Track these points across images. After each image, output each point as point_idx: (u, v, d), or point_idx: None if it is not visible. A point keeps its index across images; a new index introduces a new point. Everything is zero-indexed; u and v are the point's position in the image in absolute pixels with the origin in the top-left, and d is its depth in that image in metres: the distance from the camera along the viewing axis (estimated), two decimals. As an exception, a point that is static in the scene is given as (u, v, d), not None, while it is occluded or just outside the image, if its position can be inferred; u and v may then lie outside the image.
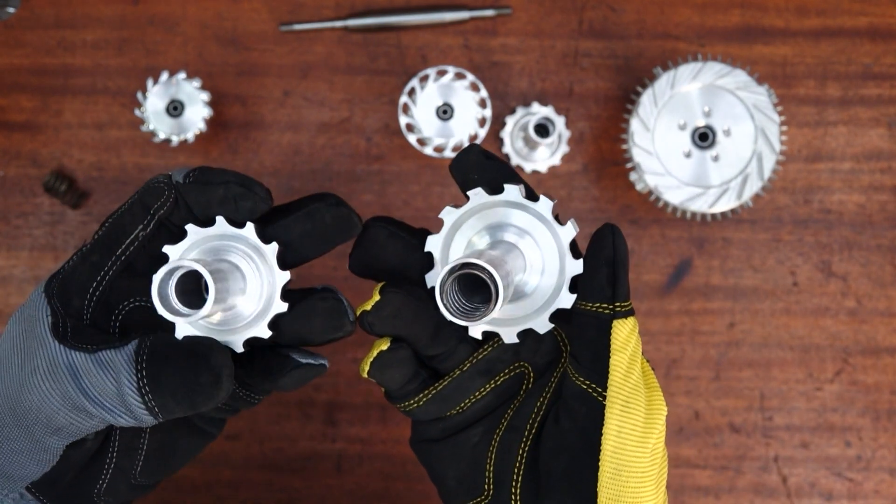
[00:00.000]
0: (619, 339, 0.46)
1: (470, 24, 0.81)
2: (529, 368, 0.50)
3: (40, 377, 0.45)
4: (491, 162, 0.49)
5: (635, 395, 0.46)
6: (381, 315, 0.47)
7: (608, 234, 0.46)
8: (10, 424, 0.47)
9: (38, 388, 0.46)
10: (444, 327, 0.47)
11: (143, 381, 0.45)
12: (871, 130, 0.80)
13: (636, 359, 0.46)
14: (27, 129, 0.80)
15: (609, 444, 0.45)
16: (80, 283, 0.47)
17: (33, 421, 0.46)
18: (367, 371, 0.49)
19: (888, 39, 0.81)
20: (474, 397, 0.49)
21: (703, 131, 0.75)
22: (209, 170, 0.48)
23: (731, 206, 0.75)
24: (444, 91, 0.78)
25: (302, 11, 0.81)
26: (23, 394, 0.46)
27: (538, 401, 0.49)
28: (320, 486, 0.80)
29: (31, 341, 0.46)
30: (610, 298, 0.46)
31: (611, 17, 0.81)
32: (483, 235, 0.47)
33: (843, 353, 0.80)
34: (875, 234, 0.80)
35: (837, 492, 0.80)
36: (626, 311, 0.46)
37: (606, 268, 0.46)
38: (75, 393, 0.45)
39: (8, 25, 0.81)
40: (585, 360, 0.46)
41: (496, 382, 0.50)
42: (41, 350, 0.46)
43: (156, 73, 0.78)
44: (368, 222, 0.49)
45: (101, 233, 0.48)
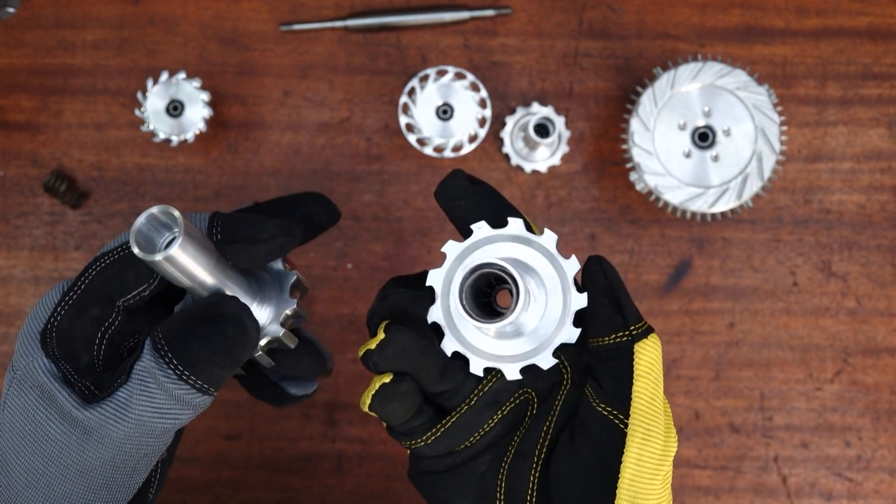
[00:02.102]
0: (642, 363, 0.45)
1: (470, 24, 0.81)
2: (533, 394, 0.49)
3: (104, 453, 0.45)
4: (477, 187, 0.48)
5: (656, 422, 0.45)
6: (386, 354, 0.46)
7: (595, 266, 0.47)
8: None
9: (100, 463, 0.44)
10: (450, 364, 0.47)
11: (179, 368, 0.44)
12: (871, 130, 0.80)
13: (659, 383, 0.46)
14: (27, 129, 0.80)
15: (628, 472, 0.45)
16: (85, 339, 0.46)
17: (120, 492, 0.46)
18: (369, 405, 0.47)
19: (888, 39, 0.81)
20: (483, 430, 0.49)
21: (703, 131, 0.75)
22: (245, 223, 0.47)
23: (731, 206, 0.75)
24: (444, 91, 0.78)
25: (302, 11, 0.81)
26: (87, 476, 0.45)
27: (544, 425, 0.48)
28: (320, 486, 0.80)
29: (61, 426, 0.44)
30: (623, 325, 0.46)
31: (611, 17, 0.81)
32: None
33: (843, 353, 0.80)
34: (875, 234, 0.80)
35: (837, 492, 0.80)
36: (644, 330, 0.46)
37: (606, 298, 0.46)
38: (140, 436, 0.45)
39: (8, 25, 0.81)
40: (608, 386, 0.46)
41: (503, 412, 0.49)
42: (81, 433, 0.44)
43: (156, 73, 0.78)
44: (387, 291, 0.48)
45: (96, 281, 0.46)
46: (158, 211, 0.43)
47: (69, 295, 0.46)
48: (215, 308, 0.45)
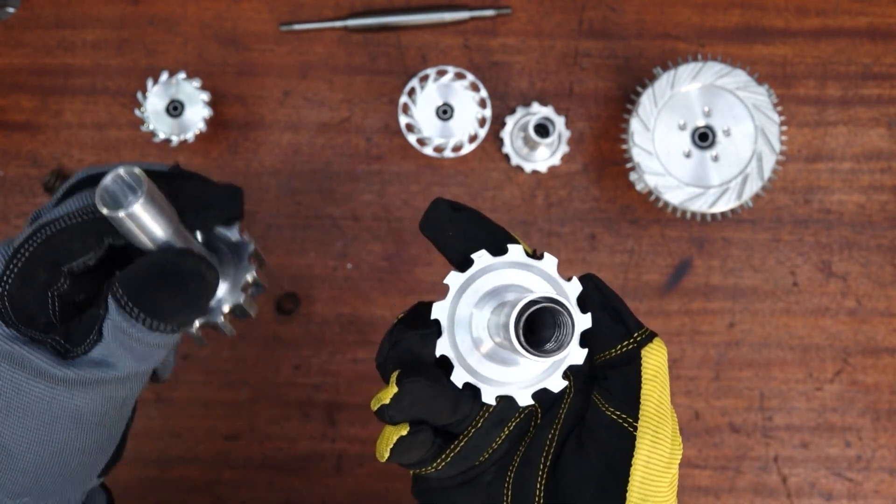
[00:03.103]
0: (650, 367, 0.46)
1: (470, 24, 0.81)
2: (537, 406, 0.49)
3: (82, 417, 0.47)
4: (461, 213, 0.48)
5: (664, 424, 0.46)
6: (401, 406, 0.46)
7: (589, 283, 0.48)
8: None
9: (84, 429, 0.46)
10: (461, 396, 0.46)
11: (147, 320, 0.46)
12: (871, 130, 0.80)
13: (666, 386, 0.46)
14: (27, 129, 0.80)
15: (638, 474, 0.45)
16: (38, 302, 0.47)
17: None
18: (388, 457, 0.47)
19: (888, 39, 0.81)
20: (491, 449, 0.49)
21: (703, 131, 0.75)
22: (199, 188, 0.51)
23: (731, 206, 0.75)
24: (443, 91, 0.78)
25: (302, 11, 0.81)
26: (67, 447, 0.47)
27: (549, 433, 0.48)
28: (320, 486, 0.80)
29: (44, 384, 0.46)
30: (626, 334, 0.46)
31: (611, 17, 0.81)
32: (490, 297, 0.46)
33: (843, 353, 0.80)
34: (875, 234, 0.80)
35: (837, 492, 0.80)
36: (648, 335, 0.46)
37: (605, 311, 0.46)
38: (125, 380, 0.47)
39: (8, 25, 0.81)
40: (617, 391, 0.46)
41: (509, 429, 0.49)
42: (55, 390, 0.46)
43: (156, 73, 0.78)
44: (396, 336, 0.47)
45: (42, 249, 0.47)
46: (124, 171, 0.45)
47: (13, 262, 0.47)
48: (173, 265, 0.47)
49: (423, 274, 0.80)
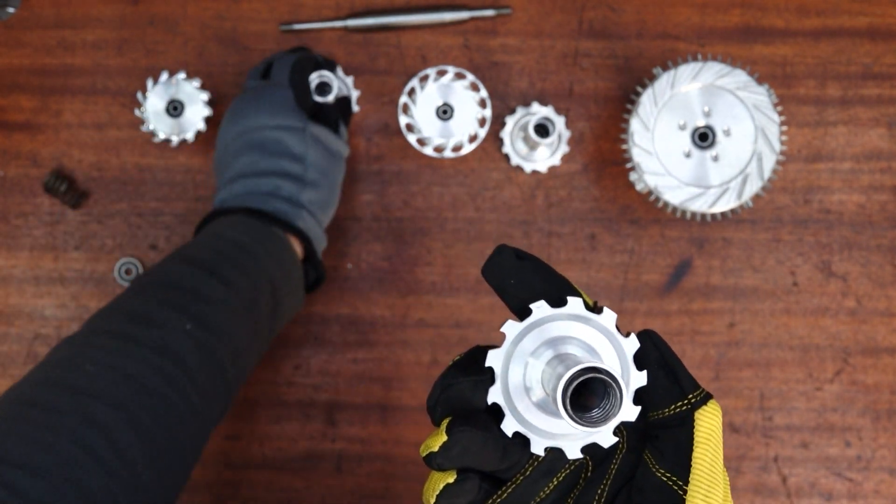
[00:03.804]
0: (702, 430, 0.46)
1: (470, 24, 0.81)
2: (588, 459, 0.49)
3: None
4: (525, 262, 0.48)
5: (714, 489, 0.45)
6: (450, 455, 0.46)
7: (647, 340, 0.47)
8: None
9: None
10: (509, 444, 0.46)
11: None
12: (871, 130, 0.80)
13: (719, 450, 0.46)
14: (27, 129, 0.80)
15: None
16: (308, 95, 0.75)
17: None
18: (434, 503, 0.47)
19: (888, 39, 0.81)
20: (539, 498, 0.48)
21: (703, 131, 0.75)
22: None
23: (731, 206, 0.75)
24: (444, 91, 0.78)
25: (302, 11, 0.81)
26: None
27: (599, 488, 0.48)
28: (320, 486, 0.80)
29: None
30: (681, 395, 0.46)
31: (611, 17, 0.81)
32: (546, 349, 0.46)
33: (843, 353, 0.80)
34: (875, 234, 0.80)
35: (837, 492, 0.80)
36: (703, 397, 0.46)
37: (662, 370, 0.46)
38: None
39: (8, 25, 0.81)
40: (669, 453, 0.46)
41: (559, 479, 0.48)
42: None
43: (156, 73, 0.78)
44: (448, 381, 0.47)
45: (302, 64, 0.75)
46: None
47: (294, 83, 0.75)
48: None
49: (423, 274, 0.80)
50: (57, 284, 0.80)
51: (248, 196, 0.72)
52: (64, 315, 0.80)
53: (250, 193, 0.72)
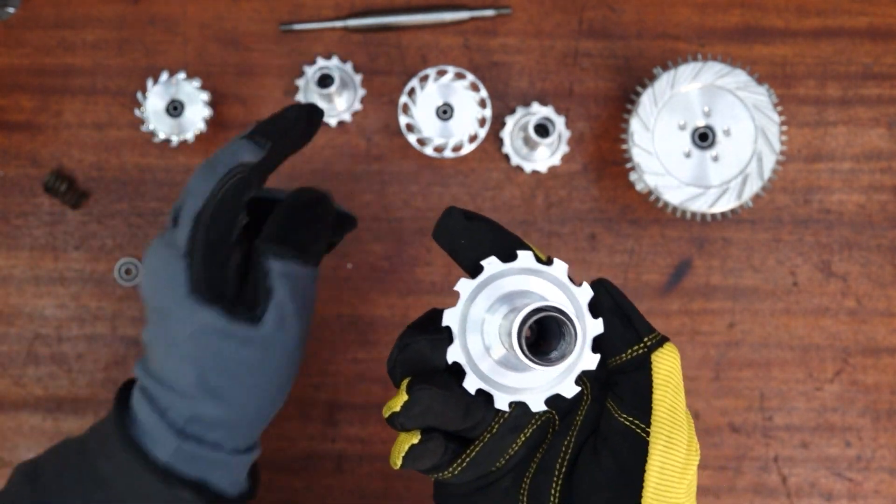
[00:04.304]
0: (661, 372, 0.46)
1: (470, 24, 0.81)
2: (555, 413, 0.49)
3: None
4: (474, 222, 0.48)
5: (678, 430, 0.45)
6: (412, 414, 0.46)
7: (600, 288, 0.47)
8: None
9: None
10: (472, 402, 0.46)
11: (296, 255, 0.57)
12: (871, 130, 0.80)
13: (679, 391, 0.46)
14: (27, 129, 0.80)
15: (652, 481, 0.45)
16: (227, 279, 0.56)
17: None
18: (400, 464, 0.47)
19: (888, 39, 0.81)
20: (508, 454, 0.49)
21: (703, 131, 0.75)
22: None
23: (731, 206, 0.75)
24: (444, 91, 0.78)
25: (302, 11, 0.81)
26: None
27: (565, 440, 0.48)
28: (320, 486, 0.80)
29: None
30: (636, 338, 0.46)
31: (611, 17, 0.81)
32: (500, 304, 0.46)
33: (843, 353, 0.80)
34: (875, 234, 0.80)
35: (837, 492, 0.80)
36: (659, 339, 0.46)
37: (616, 316, 0.46)
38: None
39: (8, 25, 0.81)
40: (629, 397, 0.46)
41: (526, 435, 0.49)
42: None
43: (156, 73, 0.78)
44: (406, 340, 0.48)
45: (209, 236, 0.55)
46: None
47: (194, 254, 0.56)
48: (304, 203, 0.60)
49: (423, 274, 0.80)
50: (57, 284, 0.80)
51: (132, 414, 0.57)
52: (64, 315, 0.80)
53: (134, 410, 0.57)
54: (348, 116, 0.80)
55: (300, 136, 0.60)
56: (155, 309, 0.56)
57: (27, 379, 0.80)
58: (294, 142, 0.60)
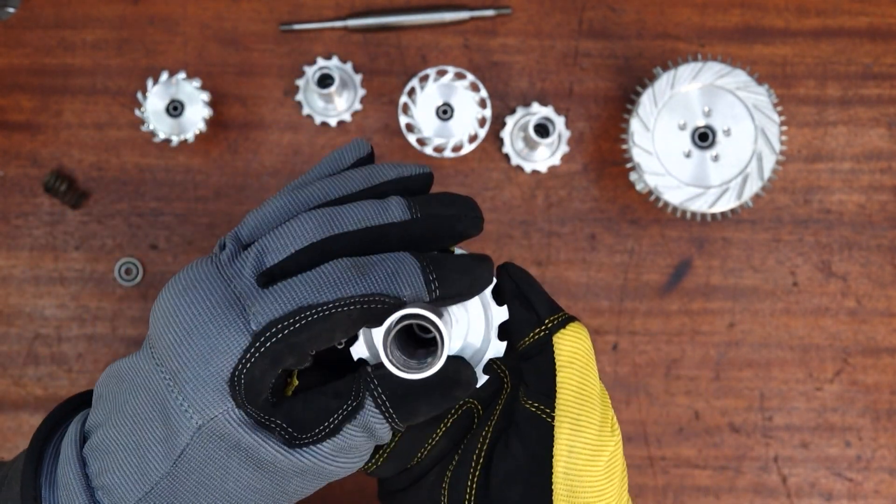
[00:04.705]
0: (563, 354, 0.45)
1: (470, 24, 0.81)
2: (476, 403, 0.49)
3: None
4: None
5: (586, 411, 0.44)
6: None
7: (503, 274, 0.46)
8: None
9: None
10: None
11: (397, 422, 0.42)
12: (871, 130, 0.80)
13: (587, 371, 0.45)
14: (27, 129, 0.80)
15: (560, 466, 0.44)
16: (271, 382, 0.41)
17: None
18: None
19: (888, 39, 0.81)
20: (429, 444, 0.48)
21: (703, 131, 0.75)
22: (461, 274, 0.42)
23: (731, 206, 0.75)
24: (444, 91, 0.78)
25: (302, 11, 0.81)
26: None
27: (484, 430, 0.48)
28: (320, 486, 0.80)
29: (255, 472, 0.42)
30: (537, 321, 0.45)
31: (611, 17, 0.81)
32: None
33: (843, 353, 0.80)
34: (875, 234, 0.80)
35: (837, 492, 0.80)
36: (562, 320, 0.45)
37: (517, 300, 0.45)
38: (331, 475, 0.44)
39: (8, 25, 0.81)
40: (533, 382, 0.45)
41: (447, 425, 0.49)
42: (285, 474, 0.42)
43: (156, 73, 0.78)
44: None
45: (301, 336, 0.40)
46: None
47: (261, 342, 0.40)
48: (454, 376, 0.43)
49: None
50: (57, 284, 0.80)
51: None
52: (64, 315, 0.80)
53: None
54: (348, 116, 0.80)
55: (468, 299, 0.44)
56: (157, 354, 0.42)
57: (27, 379, 0.80)
58: (457, 302, 0.44)
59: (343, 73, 0.80)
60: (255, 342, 0.39)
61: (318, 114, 0.80)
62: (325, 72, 0.76)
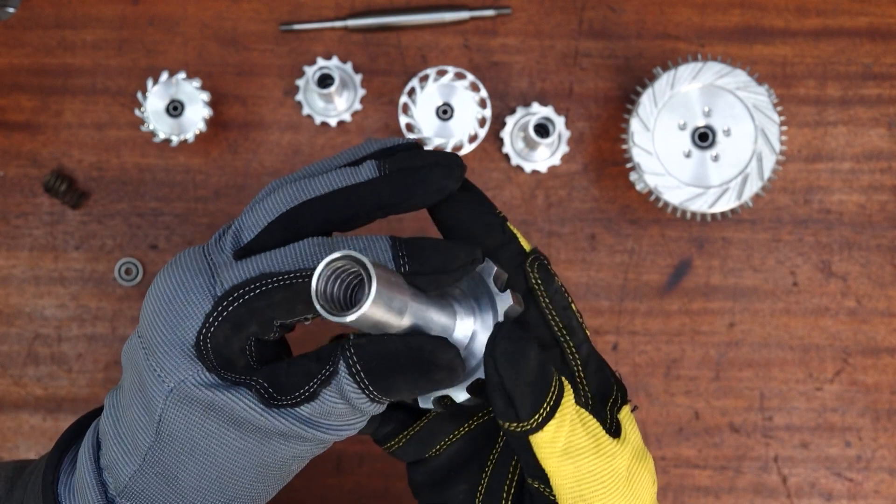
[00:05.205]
0: (548, 459, 0.44)
1: (470, 24, 0.81)
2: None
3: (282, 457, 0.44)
4: (464, 193, 0.47)
5: (589, 488, 0.44)
6: None
7: (488, 359, 0.42)
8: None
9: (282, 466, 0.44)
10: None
11: (375, 394, 0.41)
12: (871, 130, 0.80)
13: (581, 457, 0.44)
14: (27, 129, 0.80)
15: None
16: (240, 349, 0.42)
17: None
18: None
19: (888, 39, 0.81)
20: (448, 440, 0.49)
21: (703, 131, 0.75)
22: (434, 251, 0.42)
23: (731, 206, 0.75)
24: (444, 91, 0.78)
25: (302, 11, 0.81)
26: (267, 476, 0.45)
27: (512, 462, 0.48)
28: (320, 486, 0.80)
29: (237, 432, 0.42)
30: (514, 418, 0.43)
31: (611, 17, 0.81)
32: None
33: (843, 353, 0.80)
34: (875, 234, 0.80)
35: (837, 492, 0.80)
36: (536, 425, 0.43)
37: (499, 392, 0.43)
38: (306, 445, 0.43)
39: (8, 25, 0.81)
40: (525, 467, 0.45)
41: (469, 426, 0.49)
42: (258, 436, 0.42)
43: (156, 73, 0.78)
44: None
45: (259, 303, 0.41)
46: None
47: (222, 306, 0.41)
48: (430, 356, 0.41)
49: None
50: (57, 284, 0.80)
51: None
52: (64, 315, 0.80)
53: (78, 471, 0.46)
54: (348, 116, 0.80)
55: (445, 283, 0.43)
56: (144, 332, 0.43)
57: (27, 379, 0.80)
58: (432, 285, 0.42)
59: (343, 73, 0.80)
60: (217, 307, 0.41)
61: (318, 114, 0.80)
62: (325, 72, 0.76)
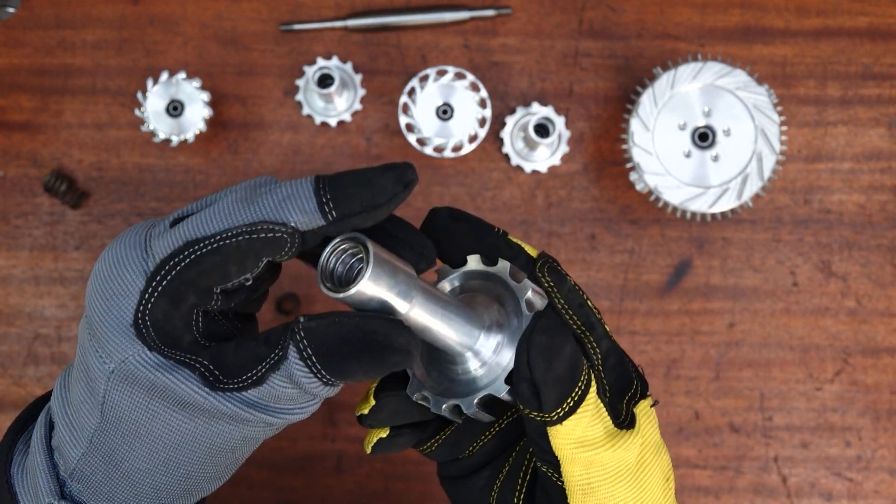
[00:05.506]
0: (562, 449, 0.44)
1: (470, 24, 0.81)
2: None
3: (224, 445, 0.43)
4: (459, 224, 0.47)
5: (598, 482, 0.44)
6: (379, 418, 0.47)
7: (521, 351, 0.43)
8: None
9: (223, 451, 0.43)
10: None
11: (327, 377, 0.40)
12: (871, 130, 0.80)
13: (594, 460, 0.44)
14: (27, 129, 0.80)
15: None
16: (183, 323, 0.41)
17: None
18: (370, 452, 0.49)
19: (888, 39, 0.81)
20: (481, 441, 0.49)
21: (703, 131, 0.75)
22: (356, 184, 0.41)
23: (731, 206, 0.75)
24: (444, 91, 0.78)
25: (302, 11, 0.81)
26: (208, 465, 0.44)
27: (531, 447, 0.48)
28: (320, 486, 0.80)
29: (183, 414, 0.41)
30: (538, 409, 0.43)
31: (611, 17, 0.81)
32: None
33: (843, 353, 0.80)
34: (875, 234, 0.80)
35: (837, 492, 0.80)
36: (557, 418, 0.43)
37: (526, 383, 0.43)
38: (255, 429, 0.42)
39: (8, 25, 0.81)
40: (538, 452, 0.45)
41: (500, 426, 0.49)
42: (198, 417, 0.41)
43: (156, 73, 0.78)
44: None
45: (191, 272, 0.39)
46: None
47: (157, 280, 0.40)
48: (384, 339, 0.40)
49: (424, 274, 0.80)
50: (57, 284, 0.80)
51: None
52: (64, 315, 0.80)
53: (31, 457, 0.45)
54: (348, 116, 0.80)
55: (379, 217, 0.44)
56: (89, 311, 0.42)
57: (27, 379, 0.80)
58: (367, 222, 0.43)
59: (343, 73, 0.80)
60: (151, 282, 0.40)
61: (318, 114, 0.80)
62: (325, 72, 0.76)
